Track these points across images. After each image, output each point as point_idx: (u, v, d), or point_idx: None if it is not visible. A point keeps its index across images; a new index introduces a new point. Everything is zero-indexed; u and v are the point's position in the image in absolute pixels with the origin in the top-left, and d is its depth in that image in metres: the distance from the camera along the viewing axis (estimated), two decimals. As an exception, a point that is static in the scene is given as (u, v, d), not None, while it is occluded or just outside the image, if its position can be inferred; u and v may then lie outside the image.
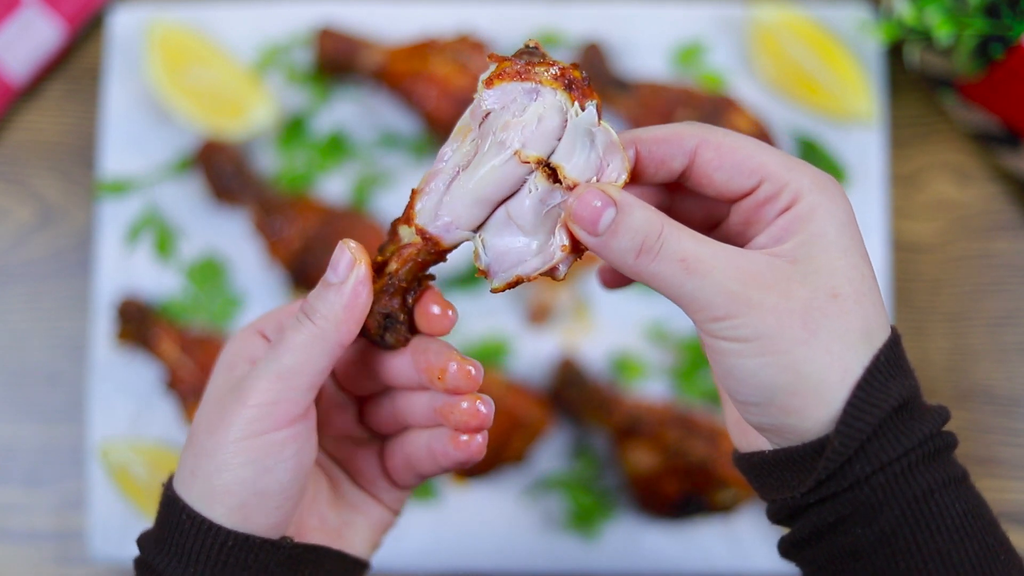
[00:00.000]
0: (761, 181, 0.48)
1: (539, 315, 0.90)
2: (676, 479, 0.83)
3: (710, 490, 0.83)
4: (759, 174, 0.47)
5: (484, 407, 0.52)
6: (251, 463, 0.47)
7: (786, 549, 0.50)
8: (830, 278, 0.46)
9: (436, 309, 0.51)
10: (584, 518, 0.88)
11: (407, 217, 0.49)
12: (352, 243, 0.49)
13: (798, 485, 0.47)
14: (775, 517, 0.49)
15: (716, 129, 0.49)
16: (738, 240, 0.51)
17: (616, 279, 0.58)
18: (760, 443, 0.50)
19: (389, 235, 0.51)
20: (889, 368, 0.46)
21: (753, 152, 0.48)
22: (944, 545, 0.45)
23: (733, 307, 0.45)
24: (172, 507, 0.48)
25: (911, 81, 0.94)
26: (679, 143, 0.48)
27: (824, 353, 0.45)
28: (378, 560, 0.88)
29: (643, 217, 0.45)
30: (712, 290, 0.45)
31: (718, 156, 0.48)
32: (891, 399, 0.45)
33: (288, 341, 0.48)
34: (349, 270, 0.48)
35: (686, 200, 0.53)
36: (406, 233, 0.50)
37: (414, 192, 0.49)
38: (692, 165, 0.49)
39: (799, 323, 0.45)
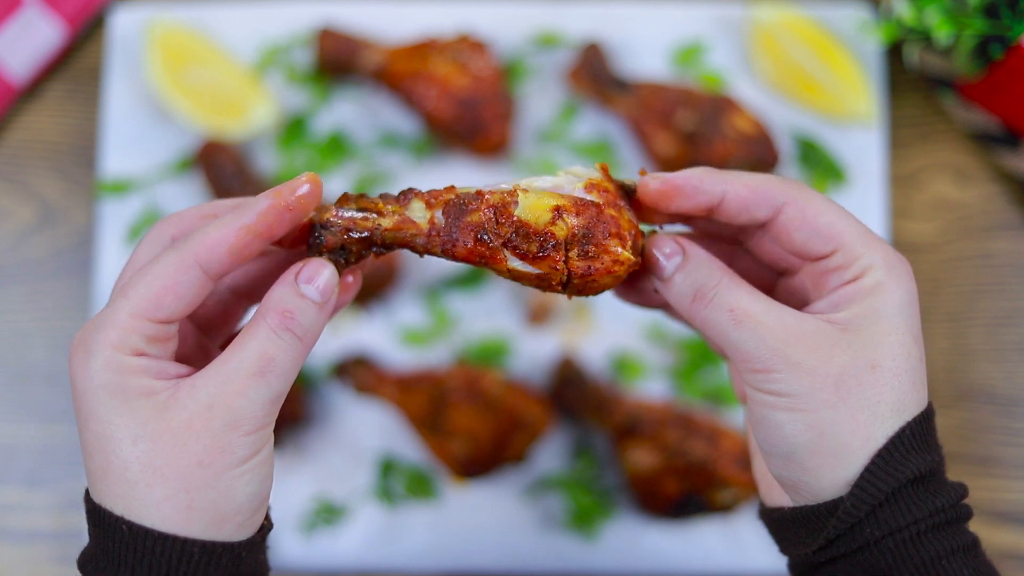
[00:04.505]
0: (835, 251, 0.50)
1: (539, 315, 0.90)
2: (676, 479, 0.83)
3: (710, 490, 0.83)
4: (834, 243, 0.50)
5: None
6: (255, 480, 0.48)
7: None
8: (874, 351, 0.48)
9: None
10: (584, 518, 0.88)
11: (438, 201, 0.50)
12: (329, 265, 0.50)
13: (812, 542, 0.49)
14: (794, 571, 0.52)
15: (806, 189, 0.51)
16: (798, 297, 0.54)
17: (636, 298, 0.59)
18: (783, 500, 0.52)
19: (396, 199, 0.51)
20: (914, 441, 0.48)
21: (835, 220, 0.50)
22: None
23: (772, 362, 0.48)
24: (165, 547, 0.46)
25: (911, 81, 0.94)
26: (768, 196, 0.51)
27: (849, 419, 0.47)
28: (378, 560, 0.88)
29: (705, 267, 0.50)
30: (755, 343, 0.48)
31: (801, 217, 0.51)
32: (909, 470, 0.47)
33: (279, 363, 0.47)
34: (331, 292, 0.50)
35: (746, 259, 0.57)
36: (419, 213, 0.50)
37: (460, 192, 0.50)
38: (775, 220, 0.51)
39: (832, 387, 0.47)
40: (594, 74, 0.90)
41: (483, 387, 0.84)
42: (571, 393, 0.87)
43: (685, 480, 0.83)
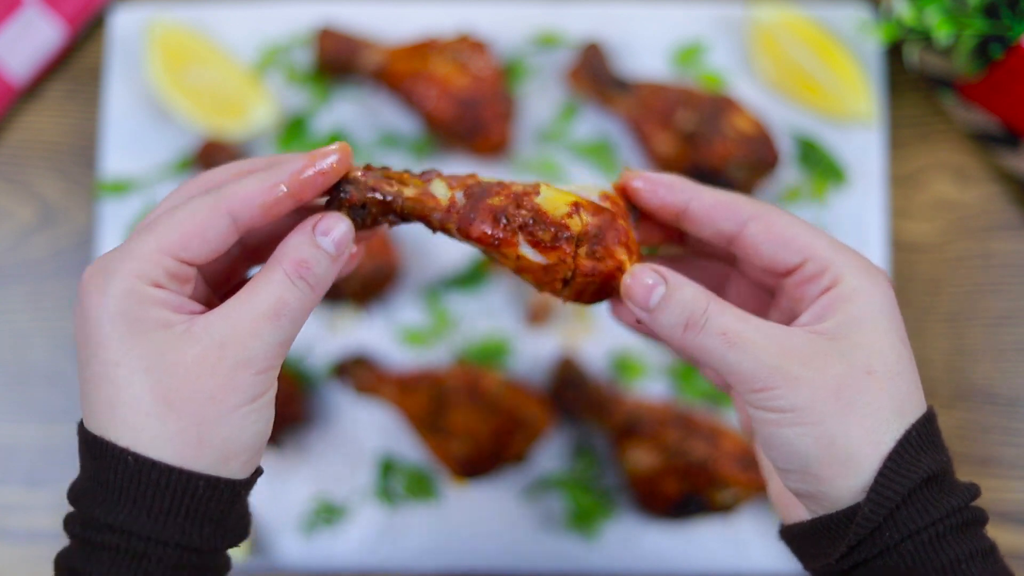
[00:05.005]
0: (806, 260, 0.51)
1: (539, 315, 0.90)
2: (676, 479, 0.83)
3: (710, 490, 0.83)
4: (804, 253, 0.51)
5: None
6: (262, 419, 0.49)
7: None
8: (866, 356, 0.49)
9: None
10: (584, 518, 0.88)
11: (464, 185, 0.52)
12: (346, 220, 0.51)
13: (833, 552, 0.49)
14: None
15: (774, 209, 0.53)
16: (789, 316, 0.54)
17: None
18: (801, 515, 0.53)
19: (419, 176, 0.53)
20: (921, 442, 0.48)
21: (801, 232, 0.52)
22: None
23: (771, 379, 0.48)
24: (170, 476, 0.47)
25: (911, 81, 0.94)
26: (733, 210, 0.53)
27: (856, 426, 0.48)
28: (378, 560, 0.88)
29: (691, 294, 0.50)
30: (752, 363, 0.49)
31: (766, 230, 0.52)
32: (921, 470, 0.48)
33: (292, 308, 0.49)
34: (345, 246, 0.51)
35: (741, 280, 0.59)
36: (441, 191, 0.53)
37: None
38: (741, 234, 0.53)
39: (833, 396, 0.48)
40: (594, 74, 0.90)
41: (483, 387, 0.85)
42: (571, 393, 0.87)
43: (685, 480, 0.83)
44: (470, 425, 0.83)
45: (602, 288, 0.53)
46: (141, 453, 0.46)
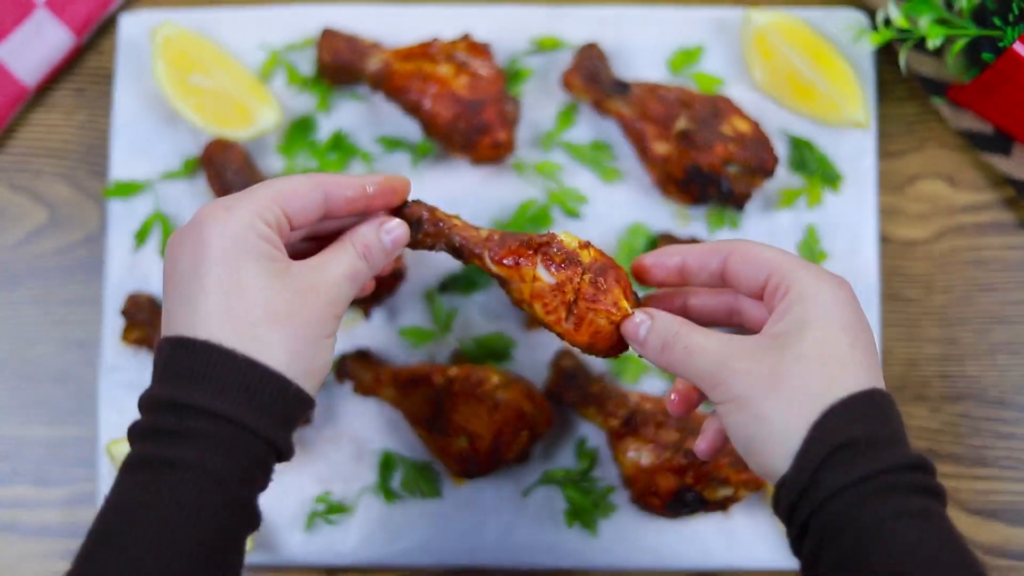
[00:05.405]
0: (770, 275, 0.60)
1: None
2: (674, 476, 0.83)
3: (708, 488, 0.83)
4: (768, 269, 0.60)
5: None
6: (330, 353, 0.60)
7: None
8: (799, 345, 0.55)
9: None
10: (583, 514, 0.88)
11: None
12: (405, 226, 0.65)
13: (782, 518, 0.55)
14: (799, 562, 0.56)
15: (748, 241, 0.63)
16: None
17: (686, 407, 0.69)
18: None
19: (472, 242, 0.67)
20: (851, 414, 0.53)
21: (767, 254, 0.61)
22: (903, 569, 0.50)
23: (720, 374, 0.56)
24: (263, 376, 0.55)
25: (904, 85, 0.95)
26: (716, 250, 0.63)
27: (785, 404, 0.54)
28: (378, 556, 0.89)
29: (665, 321, 0.61)
30: (706, 363, 0.57)
31: (742, 258, 0.62)
32: (843, 436, 0.52)
33: (359, 276, 0.62)
34: (398, 245, 0.64)
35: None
36: (483, 232, 0.67)
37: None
38: (726, 268, 0.62)
39: (766, 383, 0.55)
40: (590, 76, 0.90)
41: (483, 387, 0.85)
42: (570, 389, 0.87)
43: (683, 477, 0.83)
44: (470, 425, 0.83)
45: (598, 332, 0.63)
46: (246, 354, 0.54)
